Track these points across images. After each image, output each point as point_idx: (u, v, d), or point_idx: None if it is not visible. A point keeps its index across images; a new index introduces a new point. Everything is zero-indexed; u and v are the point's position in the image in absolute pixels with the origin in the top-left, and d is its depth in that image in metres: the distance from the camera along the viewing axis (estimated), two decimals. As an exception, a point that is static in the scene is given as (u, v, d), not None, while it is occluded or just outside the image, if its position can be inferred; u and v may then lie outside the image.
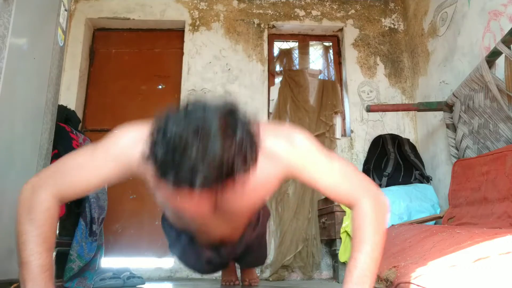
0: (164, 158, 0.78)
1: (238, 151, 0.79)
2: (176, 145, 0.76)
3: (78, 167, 0.99)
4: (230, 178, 0.81)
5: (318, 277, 2.87)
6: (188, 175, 0.77)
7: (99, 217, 2.11)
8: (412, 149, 3.03)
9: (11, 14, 1.26)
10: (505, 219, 1.58)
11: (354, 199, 1.02)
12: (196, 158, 0.76)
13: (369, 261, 0.95)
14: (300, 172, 1.03)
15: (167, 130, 0.78)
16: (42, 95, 1.49)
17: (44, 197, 0.95)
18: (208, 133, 0.77)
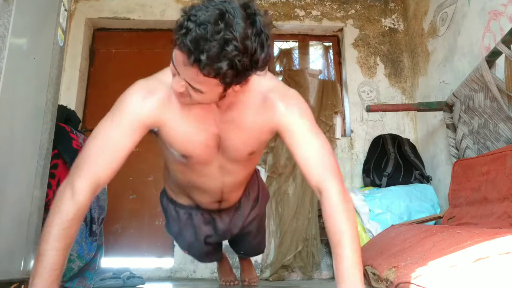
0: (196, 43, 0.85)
1: (259, 42, 0.90)
2: (206, 31, 0.84)
3: (103, 146, 1.03)
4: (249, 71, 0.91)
5: (318, 277, 2.87)
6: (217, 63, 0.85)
7: (99, 217, 2.11)
8: (412, 149, 3.03)
9: (11, 14, 1.26)
10: (505, 219, 1.58)
11: (323, 179, 1.05)
12: (226, 44, 0.85)
13: (352, 253, 0.97)
14: (285, 131, 1.10)
15: (196, 18, 0.86)
16: (42, 95, 1.49)
17: (79, 187, 0.97)
18: (233, 22, 0.86)
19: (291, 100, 1.13)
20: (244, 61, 0.88)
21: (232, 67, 0.87)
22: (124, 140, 1.05)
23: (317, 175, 1.06)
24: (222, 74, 0.88)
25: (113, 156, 1.03)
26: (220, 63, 0.86)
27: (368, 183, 2.92)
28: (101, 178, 1.01)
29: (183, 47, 0.87)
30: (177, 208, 1.61)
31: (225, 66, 0.86)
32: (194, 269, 2.88)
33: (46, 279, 0.91)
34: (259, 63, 0.92)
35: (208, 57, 0.85)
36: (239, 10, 0.88)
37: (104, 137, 1.04)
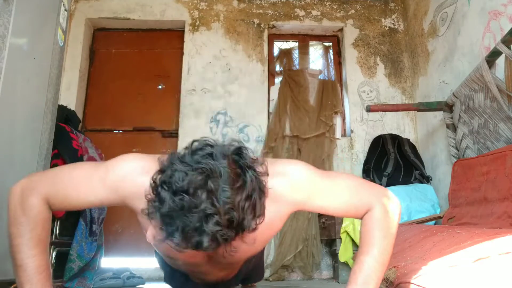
0: (170, 218, 0.73)
1: (248, 207, 0.76)
2: (182, 203, 0.72)
3: (74, 182, 0.96)
4: (238, 236, 0.78)
5: (318, 277, 2.87)
6: (196, 238, 0.72)
7: (99, 217, 2.11)
8: (412, 149, 3.03)
9: (11, 14, 1.26)
10: (505, 219, 1.58)
11: (365, 210, 1.01)
12: (205, 219, 0.72)
13: (376, 265, 0.95)
14: (306, 205, 1.01)
15: (172, 184, 0.73)
16: (42, 95, 1.49)
17: (35, 201, 0.93)
18: (217, 188, 0.73)
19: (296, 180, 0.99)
20: (228, 234, 0.75)
21: (213, 241, 0.74)
22: (98, 195, 0.97)
23: (358, 214, 1.03)
24: (201, 248, 0.75)
25: (76, 199, 0.97)
26: (198, 238, 0.73)
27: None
28: (55, 205, 0.97)
29: (156, 221, 0.76)
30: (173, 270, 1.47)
31: (205, 242, 0.73)
32: (194, 269, 2.88)
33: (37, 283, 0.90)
34: (247, 229, 0.78)
35: (184, 235, 0.73)
36: (227, 169, 0.75)
37: (82, 177, 0.97)
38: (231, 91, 3.26)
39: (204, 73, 3.29)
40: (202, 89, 3.25)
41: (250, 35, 3.41)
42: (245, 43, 3.38)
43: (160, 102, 3.34)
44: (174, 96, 3.32)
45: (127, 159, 0.99)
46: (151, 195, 0.77)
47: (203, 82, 3.27)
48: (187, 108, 3.20)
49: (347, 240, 2.42)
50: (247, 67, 3.32)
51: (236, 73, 3.30)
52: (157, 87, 3.41)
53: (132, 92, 3.34)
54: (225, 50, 3.35)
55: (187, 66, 3.30)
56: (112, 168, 0.97)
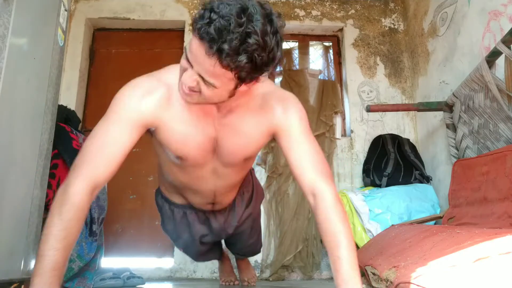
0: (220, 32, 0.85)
1: (276, 40, 0.92)
2: (229, 22, 0.85)
3: (100, 146, 1.01)
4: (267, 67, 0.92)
5: (318, 277, 2.87)
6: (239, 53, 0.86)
7: (99, 217, 2.11)
8: (412, 149, 3.03)
9: (11, 14, 1.26)
10: (505, 219, 1.58)
11: (317, 182, 1.05)
12: (248, 36, 0.86)
13: (350, 254, 0.98)
14: (281, 134, 1.13)
15: (219, 11, 0.87)
16: (42, 95, 1.49)
17: (76, 189, 0.96)
18: (253, 19, 0.88)
19: (289, 103, 1.15)
20: (263, 56, 0.89)
21: (251, 61, 0.88)
22: (122, 139, 1.03)
23: (311, 179, 1.07)
24: (240, 67, 0.89)
25: (110, 156, 1.01)
26: (240, 55, 0.86)
27: (368, 183, 2.92)
28: (99, 178, 1.00)
29: (206, 36, 0.86)
30: (171, 207, 1.61)
31: (245, 59, 0.87)
32: (194, 269, 2.88)
33: (46, 279, 0.90)
34: (275, 60, 0.93)
35: (230, 47, 0.85)
36: (259, 7, 0.90)
37: (101, 137, 1.02)
38: (231, 91, 3.25)
39: (204, 73, 3.29)
40: (202, 89, 3.25)
41: (250, 35, 3.40)
42: (245, 43, 3.38)
43: (160, 102, 3.33)
44: (174, 96, 3.32)
45: (127, 89, 1.09)
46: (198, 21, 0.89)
47: (203, 82, 3.26)
48: (187, 108, 3.20)
49: (347, 240, 2.41)
50: (247, 67, 3.31)
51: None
52: (157, 87, 3.40)
53: (132, 92, 3.33)
54: (225, 50, 3.35)
55: (187, 66, 3.30)
56: (118, 107, 1.06)
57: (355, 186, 3.04)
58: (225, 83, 0.94)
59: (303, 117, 1.15)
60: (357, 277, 0.96)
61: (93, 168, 0.99)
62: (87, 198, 0.98)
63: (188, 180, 1.38)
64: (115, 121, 1.04)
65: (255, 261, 2.81)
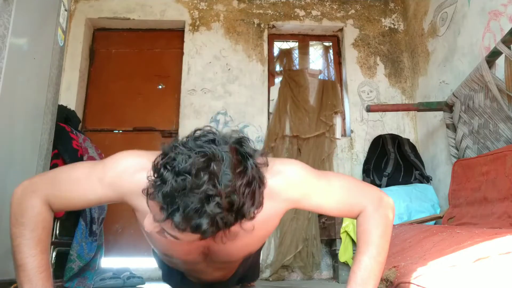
0: (171, 197, 0.73)
1: (249, 193, 0.77)
2: (184, 183, 0.72)
3: (73, 181, 0.97)
4: (237, 222, 0.78)
5: (318, 277, 2.87)
6: (196, 220, 0.73)
7: (99, 217, 2.11)
8: (412, 149, 3.03)
9: (11, 14, 1.26)
10: (505, 219, 1.58)
11: (360, 210, 1.02)
12: (206, 200, 0.72)
13: (374, 264, 0.95)
14: (301, 203, 1.02)
15: (175, 166, 0.74)
16: (42, 95, 1.49)
17: (35, 202, 0.94)
18: (219, 171, 0.74)
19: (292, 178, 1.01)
20: (228, 218, 0.75)
21: (212, 225, 0.74)
22: (95, 196, 0.97)
23: (353, 213, 1.04)
24: (200, 231, 0.75)
25: (74, 199, 0.98)
26: (198, 220, 0.73)
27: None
28: (55, 206, 0.98)
29: (157, 200, 0.75)
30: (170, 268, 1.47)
31: (205, 224, 0.73)
32: (194, 269, 2.88)
33: (37, 282, 0.90)
34: (246, 216, 0.78)
35: (184, 215, 0.73)
36: (229, 155, 0.76)
37: (79, 178, 0.97)
38: (231, 91, 3.26)
39: (204, 73, 3.29)
40: (202, 89, 3.25)
41: (250, 35, 3.41)
42: (245, 43, 3.38)
43: (160, 102, 3.34)
44: (174, 96, 3.32)
45: (124, 156, 0.99)
46: (152, 177, 0.77)
47: (203, 82, 3.27)
48: (187, 108, 3.20)
49: (347, 240, 2.42)
50: (247, 67, 3.32)
51: (236, 73, 3.30)
52: (157, 87, 3.41)
53: (132, 92, 3.34)
54: (225, 50, 3.35)
55: (187, 66, 3.30)
56: (110, 166, 0.98)
57: (355, 186, 3.04)
58: (190, 237, 0.79)
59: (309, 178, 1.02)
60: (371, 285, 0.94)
61: (56, 193, 0.97)
62: (47, 210, 0.96)
63: (181, 268, 1.29)
64: (100, 174, 0.97)
65: (255, 261, 2.81)
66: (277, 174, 0.98)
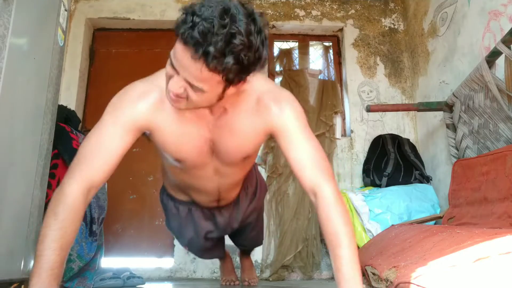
0: (204, 36, 0.83)
1: (261, 39, 0.90)
2: (213, 24, 0.83)
3: (96, 149, 1.03)
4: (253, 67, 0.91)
5: (318, 277, 2.87)
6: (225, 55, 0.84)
7: (99, 217, 2.11)
8: (412, 149, 3.03)
9: (11, 14, 1.26)
10: (505, 219, 1.58)
11: (318, 181, 1.05)
12: (232, 36, 0.84)
13: (352, 254, 0.98)
14: (279, 133, 1.10)
15: (201, 14, 0.85)
16: (42, 95, 1.49)
17: (70, 189, 0.98)
18: (236, 18, 0.86)
19: (285, 102, 1.12)
20: (249, 56, 0.87)
21: (238, 62, 0.86)
22: (117, 142, 1.04)
23: (311, 177, 1.06)
24: (227, 69, 0.87)
25: (106, 159, 1.02)
26: (227, 56, 0.85)
27: (368, 183, 2.92)
28: (95, 180, 1.01)
29: (190, 40, 0.85)
30: (176, 205, 1.62)
31: (232, 60, 0.85)
32: (194, 269, 2.88)
33: (44, 279, 0.91)
34: (262, 59, 0.91)
35: (216, 49, 0.83)
36: (241, 8, 0.88)
37: (97, 140, 1.04)
38: (231, 91, 3.25)
39: (204, 73, 3.29)
40: (202, 89, 3.25)
41: (250, 35, 3.40)
42: (245, 43, 3.38)
43: (160, 102, 3.33)
44: (174, 96, 3.32)
45: (124, 93, 1.10)
46: (181, 25, 0.87)
47: (203, 82, 3.26)
48: (187, 108, 3.20)
49: (347, 240, 2.42)
50: (247, 67, 3.31)
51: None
52: (157, 87, 3.40)
53: (132, 92, 3.34)
54: (225, 50, 3.35)
55: (187, 66, 3.30)
56: (116, 109, 1.07)
57: (355, 186, 3.04)
58: (213, 87, 0.92)
59: (300, 115, 1.12)
60: (358, 277, 0.96)
61: (88, 169, 1.01)
62: (82, 198, 0.99)
63: (191, 180, 1.39)
64: (109, 124, 1.05)
65: (255, 261, 2.81)
66: (277, 94, 1.12)
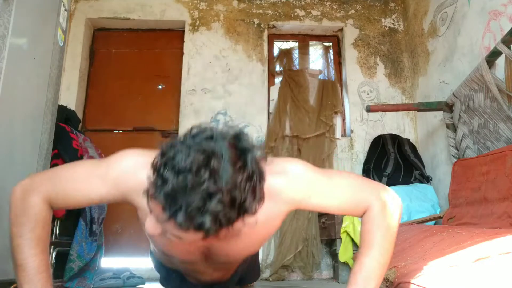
0: (173, 197, 0.72)
1: (249, 188, 0.76)
2: (185, 182, 0.71)
3: (74, 180, 0.97)
4: (239, 219, 0.77)
5: (318, 277, 2.87)
6: (198, 218, 0.72)
7: (99, 217, 2.11)
8: (412, 149, 3.03)
9: (11, 14, 1.26)
10: (505, 219, 1.58)
11: (365, 208, 1.01)
12: (208, 198, 0.71)
13: (376, 265, 0.94)
14: (305, 203, 0.99)
15: (175, 165, 0.73)
16: (42, 95, 1.49)
17: (35, 200, 0.94)
18: (219, 168, 0.73)
19: (295, 179, 0.99)
20: (230, 214, 0.74)
21: (215, 222, 0.73)
22: (96, 196, 0.97)
23: (358, 212, 1.03)
24: (204, 229, 0.73)
25: (76, 197, 0.97)
26: (201, 218, 0.72)
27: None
28: (56, 203, 0.97)
29: (158, 201, 0.74)
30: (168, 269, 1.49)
31: (208, 222, 0.72)
32: (194, 269, 2.88)
33: (36, 283, 0.90)
34: (249, 211, 0.77)
35: (187, 214, 0.71)
36: (228, 150, 0.75)
37: (80, 177, 0.97)
38: (231, 91, 3.26)
39: (204, 73, 3.29)
40: (202, 89, 3.25)
41: (250, 35, 3.41)
42: (245, 43, 3.38)
43: (160, 102, 3.34)
44: (174, 96, 3.32)
45: (127, 155, 0.99)
46: (152, 177, 0.76)
47: (203, 82, 3.27)
48: (187, 108, 3.20)
49: (347, 240, 2.42)
50: (247, 67, 3.32)
51: (236, 73, 3.30)
52: (157, 87, 3.41)
53: (132, 92, 3.34)
54: (225, 50, 3.35)
55: (187, 66, 3.30)
56: (113, 164, 0.97)
57: (355, 186, 3.04)
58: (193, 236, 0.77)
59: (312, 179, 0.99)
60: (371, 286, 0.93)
61: (57, 191, 0.96)
62: (47, 208, 0.96)
63: (181, 268, 1.29)
64: (102, 173, 0.97)
65: (255, 261, 2.80)
66: (279, 174, 0.96)
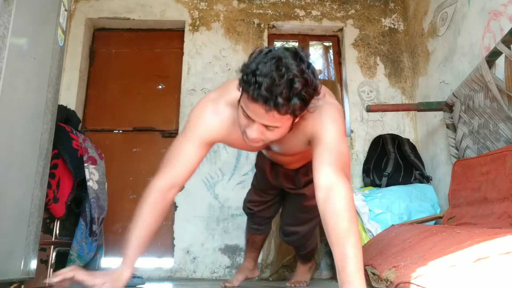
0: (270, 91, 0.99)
1: (312, 72, 1.05)
2: (274, 77, 0.98)
3: (179, 153, 1.28)
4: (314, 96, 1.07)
5: (318, 277, 2.87)
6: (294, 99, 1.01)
7: (99, 217, 2.11)
8: (412, 149, 3.03)
9: (11, 14, 1.26)
10: (505, 219, 1.58)
11: (335, 179, 1.07)
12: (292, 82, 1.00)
13: (357, 253, 0.98)
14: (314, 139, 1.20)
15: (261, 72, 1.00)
16: (42, 95, 1.49)
17: (155, 186, 1.24)
18: (288, 64, 1.00)
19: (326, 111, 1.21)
20: (309, 91, 1.03)
21: (302, 100, 1.02)
22: (194, 153, 1.28)
23: (328, 172, 1.09)
24: (295, 109, 1.03)
25: (185, 164, 1.27)
26: (292, 99, 1.00)
27: (368, 183, 2.92)
28: (177, 179, 1.26)
29: (260, 98, 1.00)
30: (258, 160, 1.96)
31: (297, 100, 1.01)
32: (194, 269, 2.88)
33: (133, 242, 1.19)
34: (318, 88, 1.07)
35: (283, 98, 0.99)
36: (287, 53, 1.03)
37: (179, 148, 1.28)
38: (231, 91, 3.25)
39: (204, 73, 3.29)
40: (202, 89, 3.25)
41: (250, 35, 3.41)
42: (245, 43, 3.38)
43: (160, 102, 3.34)
44: (174, 96, 3.32)
45: (201, 108, 1.31)
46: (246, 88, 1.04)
47: (203, 82, 3.27)
48: (187, 108, 3.20)
49: (347, 240, 2.41)
50: (247, 67, 3.31)
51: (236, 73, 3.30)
52: (157, 87, 3.41)
53: (132, 92, 3.34)
54: (225, 50, 3.35)
55: (187, 66, 3.30)
56: (196, 123, 1.30)
57: (355, 186, 3.04)
58: (284, 123, 1.10)
59: (336, 124, 1.20)
60: (362, 279, 0.95)
61: (172, 169, 1.26)
62: (166, 191, 1.24)
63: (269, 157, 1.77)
64: (189, 138, 1.29)
65: (255, 261, 2.81)
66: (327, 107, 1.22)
